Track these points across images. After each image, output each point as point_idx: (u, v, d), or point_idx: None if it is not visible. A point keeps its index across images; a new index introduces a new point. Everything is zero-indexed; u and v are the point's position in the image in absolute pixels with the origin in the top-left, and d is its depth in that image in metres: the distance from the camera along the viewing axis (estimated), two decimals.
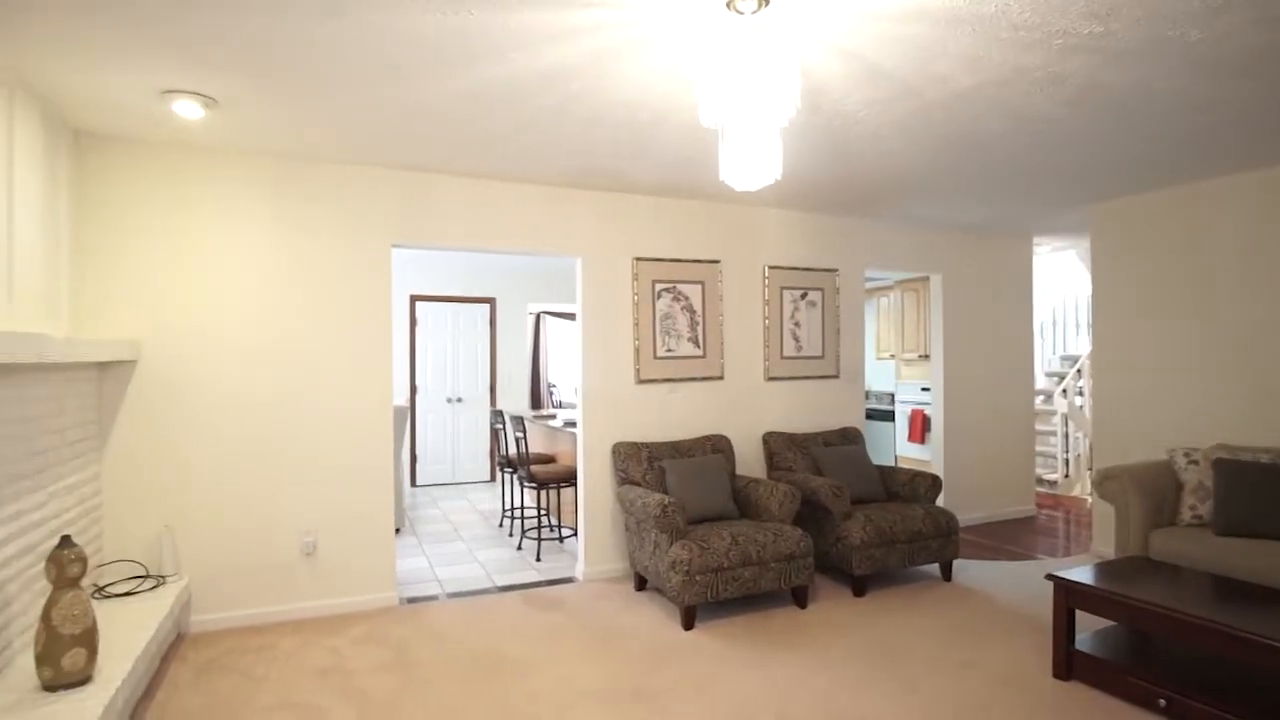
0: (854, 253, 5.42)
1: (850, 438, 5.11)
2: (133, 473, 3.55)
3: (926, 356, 7.01)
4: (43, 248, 3.02)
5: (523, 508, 5.56)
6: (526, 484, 5.15)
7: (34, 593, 2.73)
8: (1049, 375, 8.20)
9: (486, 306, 8.23)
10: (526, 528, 5.59)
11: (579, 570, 4.54)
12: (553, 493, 5.96)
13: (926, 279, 6.67)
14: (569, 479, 5.09)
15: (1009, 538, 5.54)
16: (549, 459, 5.89)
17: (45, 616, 2.36)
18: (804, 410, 5.19)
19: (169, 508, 3.61)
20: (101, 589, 3.33)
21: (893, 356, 7.71)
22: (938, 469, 5.85)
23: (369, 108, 3.08)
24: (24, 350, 2.25)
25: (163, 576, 3.51)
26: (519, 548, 5.29)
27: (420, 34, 2.37)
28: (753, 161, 2.12)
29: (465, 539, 5.60)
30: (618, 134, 3.42)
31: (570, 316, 11.91)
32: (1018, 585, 4.35)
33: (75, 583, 2.44)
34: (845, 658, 3.30)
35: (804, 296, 5.21)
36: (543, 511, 5.90)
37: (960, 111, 3.12)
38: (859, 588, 4.15)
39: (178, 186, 3.62)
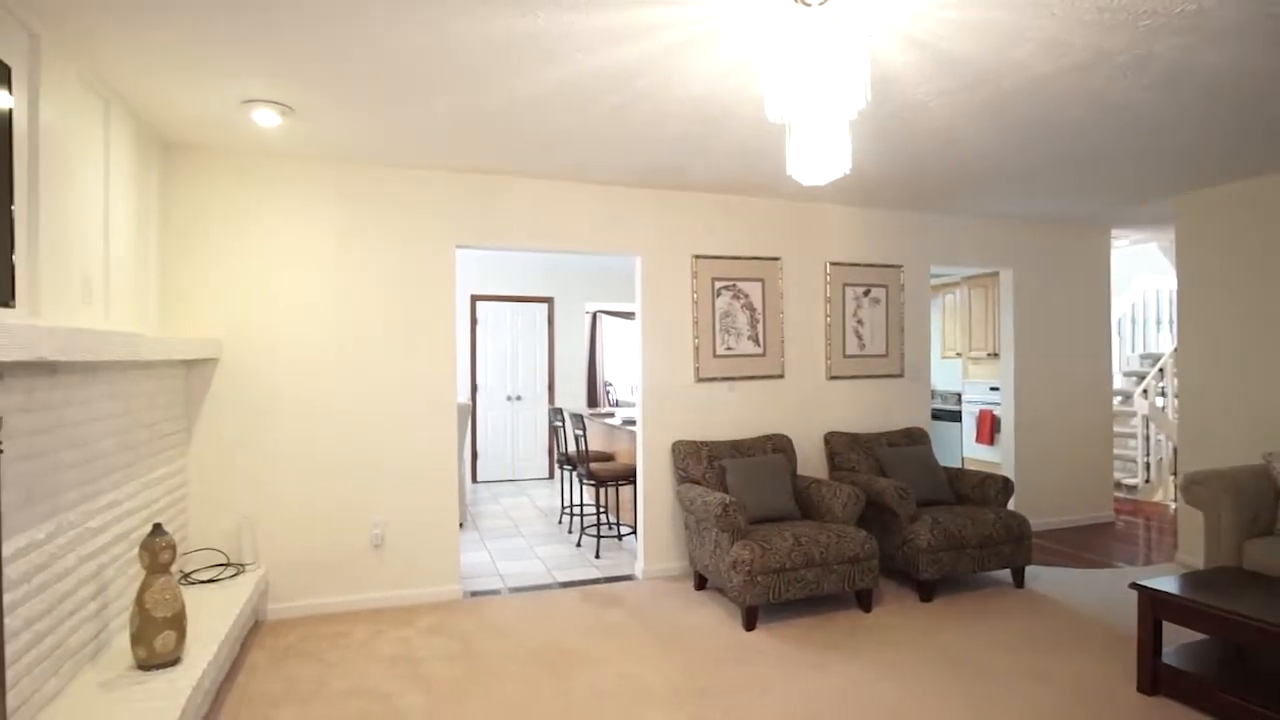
0: (919, 248, 5.27)
1: (915, 438, 4.97)
2: (215, 465, 3.72)
3: (995, 355, 6.76)
4: (135, 252, 3.19)
5: (581, 505, 5.62)
6: (586, 481, 5.20)
7: (128, 578, 2.89)
8: (1128, 375, 7.81)
9: (545, 306, 8.33)
10: (585, 525, 5.63)
11: (638, 568, 4.55)
12: (611, 490, 6.00)
13: (995, 274, 6.44)
14: (628, 477, 5.11)
15: (1085, 544, 5.30)
16: (608, 457, 5.92)
17: (139, 600, 2.49)
18: (867, 410, 5.08)
19: (248, 499, 3.77)
20: (187, 575, 3.51)
21: (959, 355, 7.48)
22: (1008, 471, 5.64)
23: (437, 112, 3.15)
24: (122, 349, 2.38)
25: (242, 565, 3.67)
26: (578, 544, 5.34)
27: (490, 38, 2.41)
28: (821, 155, 2.08)
29: (525, 535, 5.68)
30: (681, 131, 3.41)
31: (626, 315, 11.96)
32: (1096, 594, 4.15)
33: (166, 569, 2.57)
34: (913, 665, 3.21)
35: (867, 293, 5.10)
36: (601, 509, 5.94)
37: (1038, 99, 2.99)
38: (926, 592, 4.04)
39: (253, 191, 3.78)
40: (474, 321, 8.01)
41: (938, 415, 7.41)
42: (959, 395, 7.47)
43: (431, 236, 4.09)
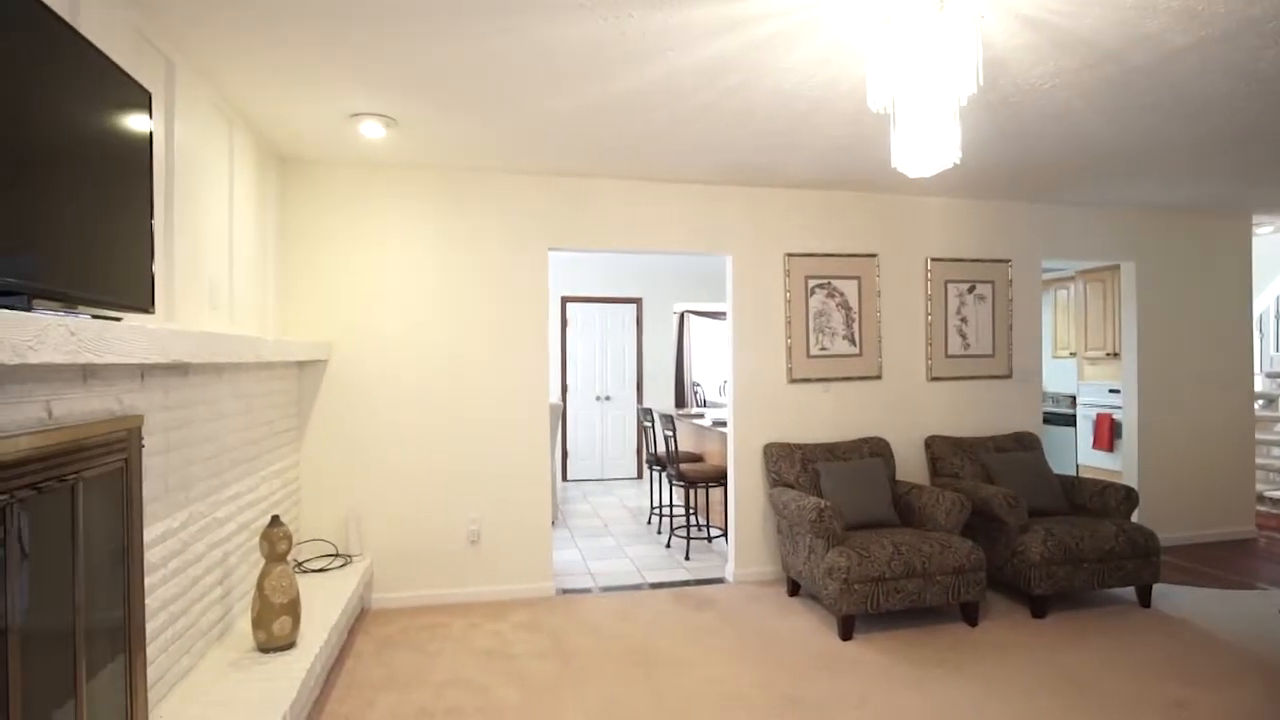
0: (1029, 241, 4.96)
1: (1026, 443, 4.68)
2: (325, 461, 3.94)
3: (1115, 354, 6.27)
4: (255, 260, 3.41)
5: (670, 505, 5.61)
6: (675, 482, 5.18)
7: (250, 565, 3.09)
8: (1271, 376, 7.07)
9: (633, 306, 8.38)
10: (675, 526, 5.62)
11: (729, 571, 4.49)
12: (701, 492, 5.95)
13: (1115, 268, 5.97)
14: (718, 479, 5.06)
15: (1222, 562, 4.83)
16: (697, 458, 5.88)
17: (259, 586, 2.66)
18: (972, 413, 4.82)
19: (355, 494, 3.97)
20: (300, 564, 3.72)
21: (1073, 355, 6.99)
22: (1130, 480, 5.22)
23: (531, 117, 3.21)
24: (245, 351, 2.55)
25: (349, 556, 3.87)
26: (667, 545, 5.33)
27: (582, 40, 2.43)
28: (928, 145, 1.97)
29: (615, 534, 5.72)
30: (772, 126, 3.33)
31: (714, 315, 11.87)
32: (1236, 617, 3.77)
33: (283, 558, 2.73)
34: (1026, 686, 3.01)
35: (971, 290, 4.83)
36: (691, 510, 5.90)
37: (1171, 75, 2.74)
38: (1038, 608, 3.78)
39: (361, 200, 3.97)
40: (564, 323, 8.14)
41: (1050, 419, 6.95)
42: (1073, 398, 6.97)
43: (526, 239, 4.18)
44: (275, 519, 2.78)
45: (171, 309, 2.41)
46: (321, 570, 3.66)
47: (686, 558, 5.00)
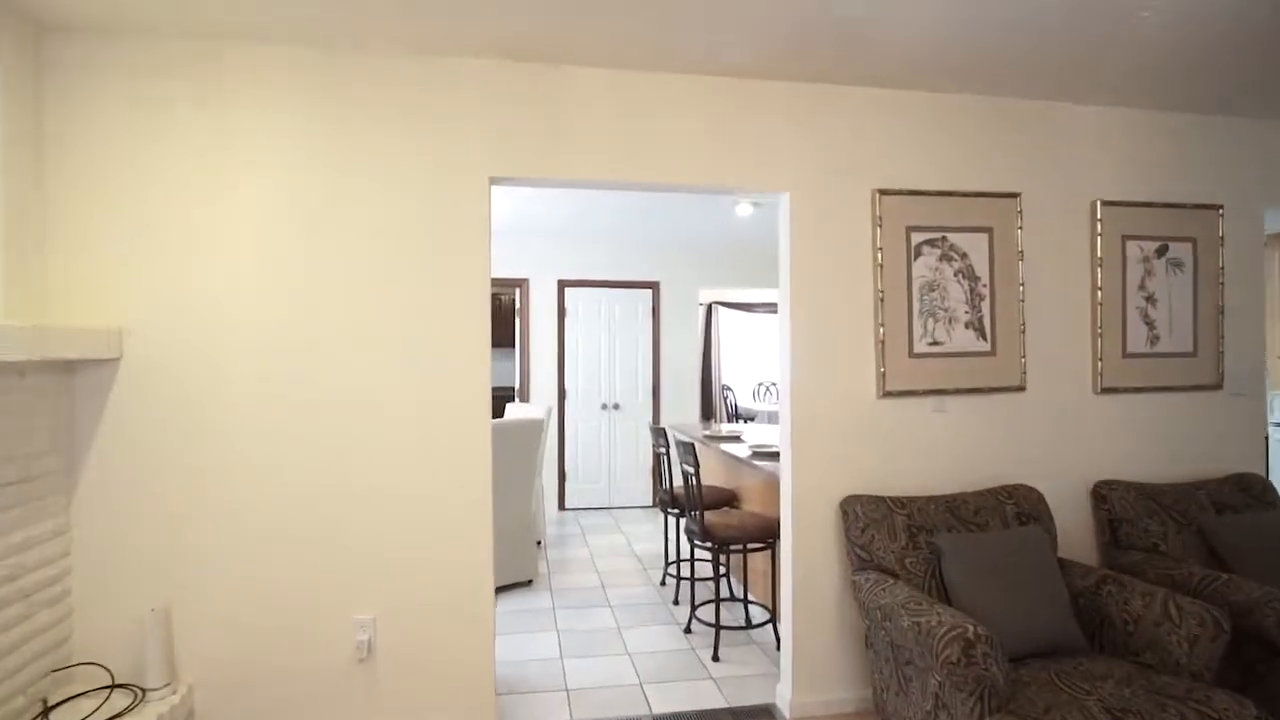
0: (1251, 176, 3.20)
1: (1255, 492, 2.94)
2: (111, 527, 2.36)
3: None
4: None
5: (692, 561, 3.94)
6: (698, 543, 3.50)
7: None
8: None
9: (648, 292, 6.72)
10: (698, 600, 3.94)
11: (783, 695, 2.82)
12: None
13: None
14: (763, 538, 3.38)
15: None
16: (728, 497, 4.21)
17: None
18: (1165, 443, 3.08)
19: (162, 581, 2.39)
20: (48, 711, 2.14)
21: None
22: None
23: None
24: None
25: (143, 690, 2.28)
26: (687, 630, 3.67)
27: None
28: None
29: (614, 603, 4.08)
30: None
31: (749, 308, 10.17)
32: None
33: None
34: None
35: (1161, 252, 3.10)
36: (722, 572, 4.22)
37: None
38: None
39: (174, 99, 2.38)
40: (561, 313, 6.52)
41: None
42: None
43: (453, 164, 2.56)
44: None
45: None
46: None
47: (715, 656, 3.33)
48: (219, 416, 2.41)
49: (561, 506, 6.54)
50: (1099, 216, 3.01)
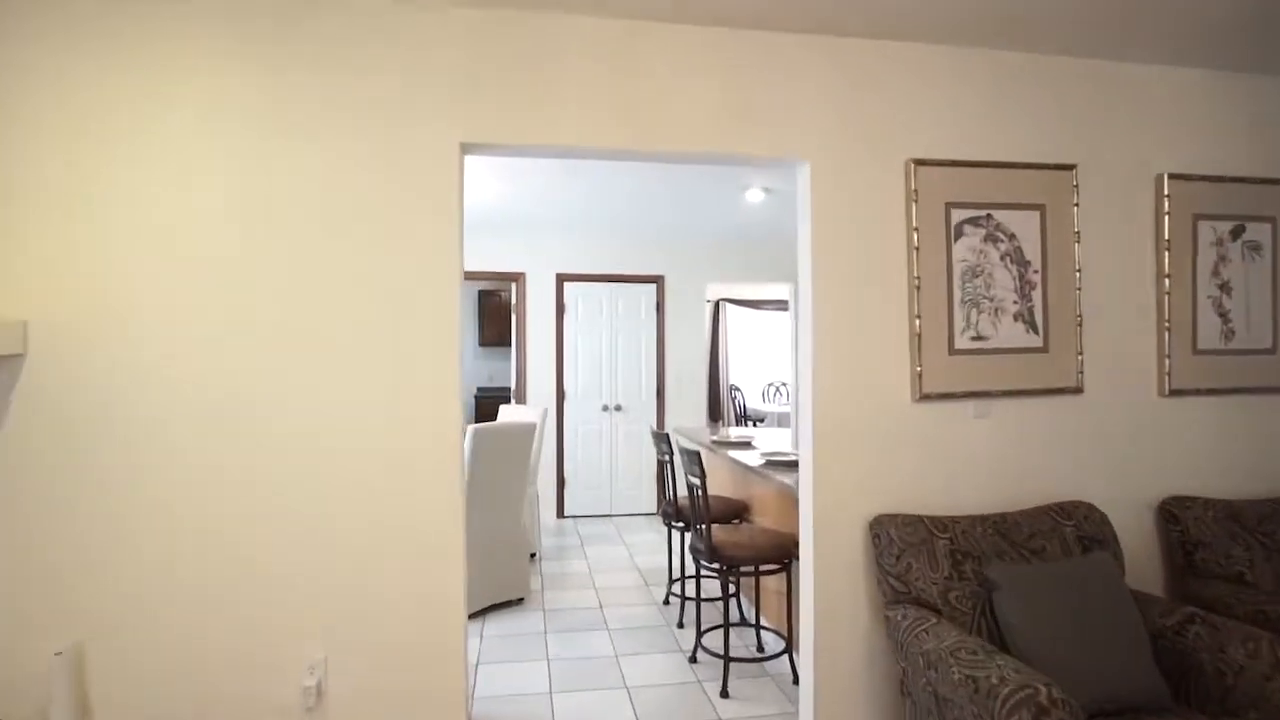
0: None
1: None
2: (10, 549, 2.00)
3: None
4: None
5: (698, 578, 3.56)
6: (705, 565, 3.12)
7: None
8: None
9: (652, 288, 6.34)
10: (705, 625, 3.55)
11: None
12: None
13: None
14: (778, 560, 3.00)
15: None
16: (738, 509, 3.84)
17: None
18: (1241, 452, 2.69)
19: (75, 620, 2.03)
20: None
21: None
22: None
23: None
24: None
25: None
26: (692, 658, 3.30)
27: None
28: None
29: (613, 626, 3.71)
30: None
31: (758, 305, 9.78)
32: None
33: None
34: None
35: (1237, 234, 2.70)
36: (730, 591, 3.84)
37: None
38: None
39: (87, 35, 2.03)
40: (560, 309, 6.15)
41: None
42: None
43: (417, 127, 2.19)
44: None
45: None
46: None
47: (724, 692, 2.95)
48: (144, 426, 2.05)
49: (560, 514, 6.17)
50: (1166, 192, 2.62)
